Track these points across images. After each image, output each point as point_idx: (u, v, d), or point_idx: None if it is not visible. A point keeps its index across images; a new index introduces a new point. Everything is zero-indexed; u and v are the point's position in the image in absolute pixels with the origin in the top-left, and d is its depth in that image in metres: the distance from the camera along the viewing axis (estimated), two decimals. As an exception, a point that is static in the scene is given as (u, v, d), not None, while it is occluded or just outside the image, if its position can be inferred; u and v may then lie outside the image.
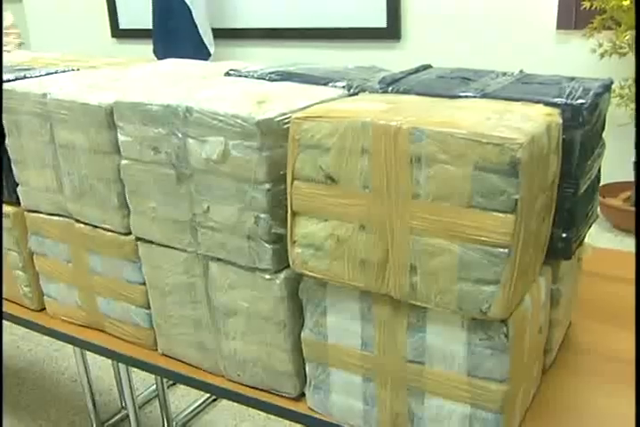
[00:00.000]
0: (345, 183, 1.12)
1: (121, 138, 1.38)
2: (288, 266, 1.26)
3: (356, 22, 4.14)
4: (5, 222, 1.72)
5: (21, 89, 1.55)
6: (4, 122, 1.61)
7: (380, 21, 4.06)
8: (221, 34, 4.50)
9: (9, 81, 1.63)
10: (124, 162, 1.40)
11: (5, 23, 3.91)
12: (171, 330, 1.51)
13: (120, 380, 2.36)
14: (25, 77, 1.67)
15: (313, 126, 1.12)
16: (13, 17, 4.01)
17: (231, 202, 1.26)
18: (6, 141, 1.63)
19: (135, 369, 1.74)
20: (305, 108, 1.21)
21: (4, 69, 1.81)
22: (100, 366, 2.74)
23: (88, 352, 2.07)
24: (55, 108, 1.47)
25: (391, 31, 4.05)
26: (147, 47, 4.56)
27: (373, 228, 1.12)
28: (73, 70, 1.76)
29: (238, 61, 1.70)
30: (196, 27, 4.36)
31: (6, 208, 1.71)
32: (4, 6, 3.79)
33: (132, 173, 1.39)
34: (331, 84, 1.40)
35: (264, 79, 1.48)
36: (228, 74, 1.55)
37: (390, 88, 1.34)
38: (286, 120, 1.19)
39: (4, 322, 1.92)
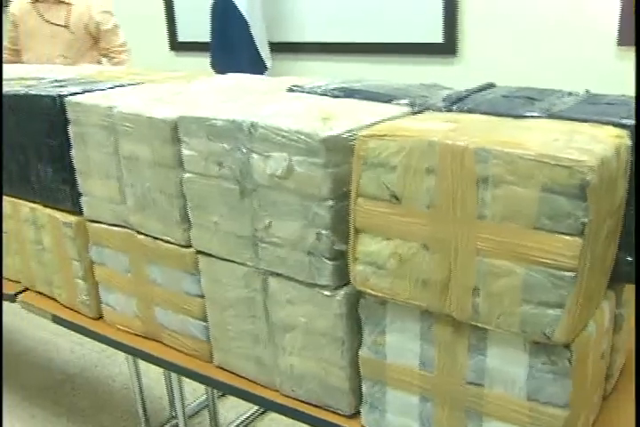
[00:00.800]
0: (409, 202, 1.12)
1: (185, 152, 1.39)
2: (348, 283, 1.26)
3: (412, 37, 4.13)
4: (68, 232, 1.75)
5: (88, 102, 1.58)
6: (70, 133, 1.64)
7: (437, 36, 4.04)
8: (278, 47, 4.52)
9: (76, 94, 1.66)
10: (187, 176, 1.41)
11: (119, 41, 4.03)
12: (228, 343, 1.51)
13: (171, 389, 2.38)
14: (91, 90, 1.70)
15: (379, 144, 1.12)
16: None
17: (294, 218, 1.27)
18: (72, 152, 1.66)
19: (185, 378, 1.74)
20: (370, 125, 1.21)
21: (71, 82, 1.85)
22: (151, 375, 2.76)
23: (139, 360, 2.10)
24: (121, 121, 1.50)
25: (447, 46, 4.03)
26: (204, 60, 4.60)
27: (437, 247, 1.11)
28: (137, 84, 1.79)
29: (300, 77, 1.71)
30: (253, 40, 4.38)
31: (69, 217, 1.75)
32: None
33: (195, 187, 1.40)
34: (394, 102, 1.40)
35: (327, 95, 1.48)
36: (290, 90, 1.56)
37: (455, 107, 1.33)
38: (351, 137, 1.19)
39: (63, 328, 1.95)
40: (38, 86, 1.82)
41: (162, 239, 1.54)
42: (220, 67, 4.51)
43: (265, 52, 4.46)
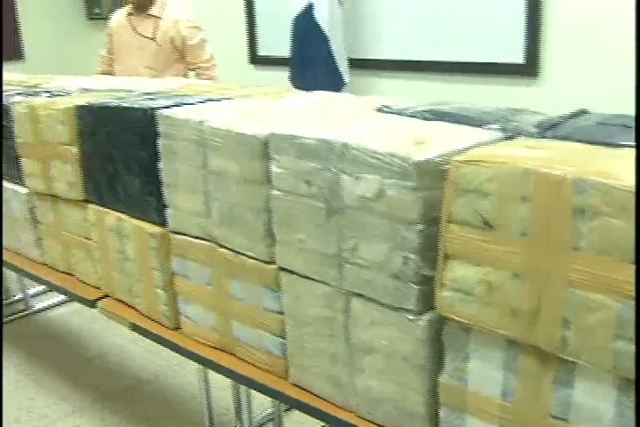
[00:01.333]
0: (502, 230, 1.10)
1: (274, 169, 1.40)
2: (433, 308, 1.24)
3: (492, 57, 4.09)
4: (152, 242, 1.78)
5: (180, 116, 1.61)
6: (160, 146, 1.67)
7: (517, 57, 4.00)
8: (357, 64, 4.54)
9: (167, 107, 1.70)
10: (274, 193, 1.42)
11: (205, 55, 4.07)
12: (304, 361, 1.51)
13: (239, 401, 2.39)
14: (182, 104, 1.73)
15: (473, 170, 1.11)
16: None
17: (381, 240, 1.26)
18: (160, 165, 1.69)
19: (253, 391, 1.75)
20: (462, 150, 1.20)
21: (161, 95, 1.89)
22: (219, 385, 2.78)
23: (208, 371, 2.11)
24: (211, 135, 1.52)
25: (529, 68, 3.98)
26: (283, 74, 4.65)
27: (528, 277, 1.09)
28: (227, 99, 1.81)
29: (387, 97, 1.71)
30: (332, 56, 4.41)
31: (154, 229, 1.78)
32: None
33: (283, 205, 1.41)
34: (485, 127, 1.38)
35: (416, 117, 1.47)
36: (379, 110, 1.56)
37: (548, 133, 1.31)
38: (444, 162, 1.18)
39: (136, 335, 1.98)
40: (129, 99, 1.87)
41: (245, 254, 1.55)
42: (299, 81, 4.55)
43: (344, 67, 4.48)
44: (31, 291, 3.66)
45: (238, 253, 1.56)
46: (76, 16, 7.86)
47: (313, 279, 1.42)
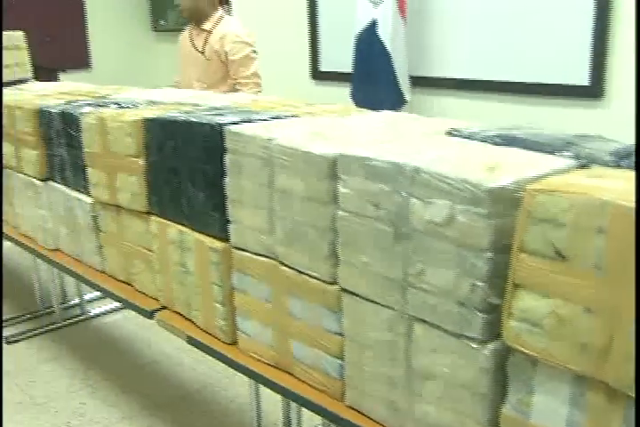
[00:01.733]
0: (575, 261, 1.07)
1: (341, 190, 1.40)
2: (497, 337, 1.22)
3: (557, 78, 4.04)
4: (213, 257, 1.79)
5: (247, 132, 1.61)
6: (226, 162, 1.68)
7: (582, 78, 3.94)
8: (418, 81, 4.52)
9: (235, 123, 1.70)
10: (341, 213, 1.41)
11: (246, 72, 4.00)
12: (362, 384, 1.50)
13: (288, 418, 2.38)
14: (249, 121, 1.74)
15: (548, 200, 1.09)
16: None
17: (448, 266, 1.24)
18: (225, 180, 1.70)
19: (303, 408, 1.74)
20: (536, 178, 1.18)
21: (228, 111, 1.90)
22: (269, 400, 2.77)
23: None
24: (278, 153, 1.52)
25: (594, 89, 3.92)
26: (343, 90, 4.66)
27: (600, 311, 1.06)
28: (294, 116, 1.82)
29: (459, 120, 1.69)
30: (394, 73, 4.40)
31: (216, 243, 1.78)
32: None
33: (348, 226, 1.40)
34: (557, 153, 1.36)
35: (487, 142, 1.45)
36: (449, 133, 1.54)
37: (623, 162, 1.28)
38: (517, 189, 1.16)
39: (187, 345, 1.98)
40: (196, 113, 1.88)
41: (307, 273, 1.54)
42: (360, 98, 4.55)
43: (405, 85, 4.47)
44: (87, 296, 3.71)
45: (300, 272, 1.56)
46: (142, 28, 8.01)
47: (375, 302, 1.41)
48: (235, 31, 3.97)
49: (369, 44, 4.45)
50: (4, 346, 3.40)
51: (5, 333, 3.51)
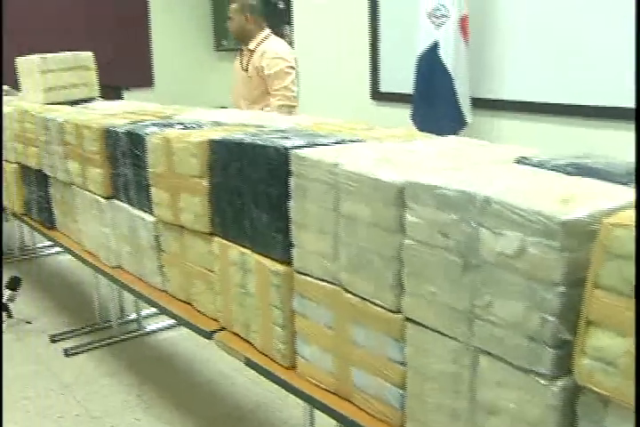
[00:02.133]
0: (653, 300, 1.04)
1: (409, 218, 1.38)
2: (567, 373, 1.18)
3: (620, 101, 3.96)
4: (274, 280, 1.78)
5: (314, 157, 1.61)
6: (291, 185, 1.68)
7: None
8: (479, 103, 4.48)
9: (300, 147, 1.70)
10: (407, 242, 1.40)
11: (279, 85, 4.11)
12: (424, 416, 1.47)
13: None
14: (314, 144, 1.73)
15: (625, 234, 1.06)
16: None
17: (518, 299, 1.22)
18: (290, 203, 1.70)
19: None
20: (612, 210, 1.14)
21: (293, 133, 1.90)
22: (323, 423, 2.75)
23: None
24: (344, 179, 1.51)
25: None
26: (403, 111, 4.65)
27: (679, 352, 1.03)
28: (359, 141, 1.81)
29: (526, 148, 1.66)
30: (455, 95, 4.37)
31: (278, 266, 1.78)
32: None
33: (415, 255, 1.38)
34: (631, 185, 1.32)
35: (558, 171, 1.42)
36: (518, 161, 1.52)
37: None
38: (592, 222, 1.13)
39: (240, 363, 1.97)
40: (261, 136, 1.89)
41: (371, 301, 1.52)
42: (420, 119, 4.53)
43: (466, 107, 4.44)
44: (144, 312, 3.74)
45: (364, 299, 1.54)
46: (205, 47, 8.14)
47: (441, 333, 1.38)
48: (274, 48, 4.16)
49: (430, 66, 4.44)
50: (64, 358, 3.45)
51: (65, 345, 3.57)
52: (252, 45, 4.19)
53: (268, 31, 4.30)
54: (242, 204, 1.88)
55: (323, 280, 1.65)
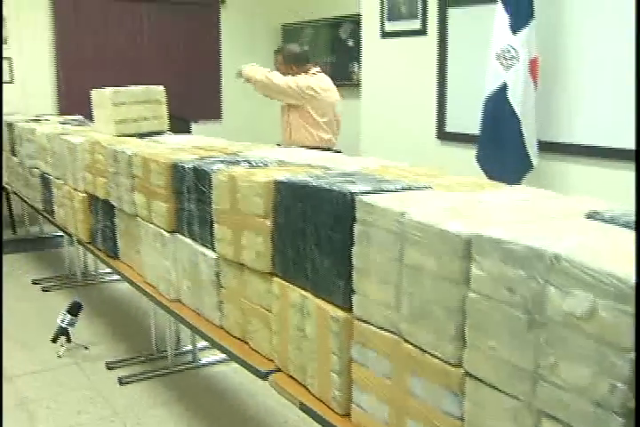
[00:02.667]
0: None
1: (474, 271, 1.35)
2: (636, 443, 1.13)
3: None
4: (333, 326, 1.76)
5: (379, 204, 1.59)
6: (355, 231, 1.67)
7: None
8: (546, 146, 4.43)
9: (366, 193, 1.69)
10: (472, 295, 1.37)
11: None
12: (481, 474, 1.42)
13: None
14: (380, 190, 1.72)
15: None
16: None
17: (585, 363, 1.17)
18: (353, 249, 1.68)
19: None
20: (690, 275, 1.10)
21: (359, 177, 1.89)
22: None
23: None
24: (411, 229, 1.50)
25: None
26: (469, 152, 4.62)
27: None
28: (426, 188, 1.79)
29: (598, 200, 1.62)
30: (522, 138, 4.33)
31: (337, 312, 1.76)
32: None
33: (479, 309, 1.35)
34: None
35: (631, 228, 1.38)
36: (589, 216, 1.48)
37: None
38: (667, 287, 1.09)
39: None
40: (327, 179, 1.88)
41: (431, 353, 1.49)
42: (485, 161, 4.49)
43: (533, 150, 4.39)
44: (200, 344, 3.75)
45: (424, 350, 1.51)
46: (272, 82, 8.25)
47: (501, 390, 1.34)
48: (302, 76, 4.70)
49: (498, 107, 4.41)
50: (117, 386, 3.48)
51: (120, 373, 3.60)
52: None
53: (314, 70, 4.73)
54: (304, 246, 1.87)
55: (383, 329, 1.63)
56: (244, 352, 2.23)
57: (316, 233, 1.82)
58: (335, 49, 7.47)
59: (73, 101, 7.05)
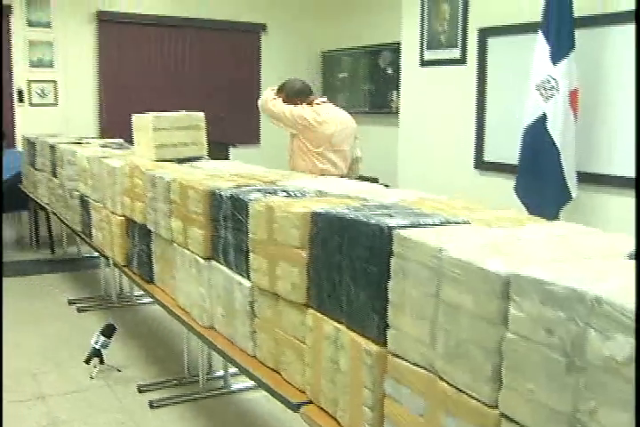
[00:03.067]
0: None
1: (512, 311, 1.33)
2: None
3: None
4: (367, 359, 1.75)
5: (417, 239, 1.58)
6: (391, 265, 1.65)
7: None
8: (586, 178, 4.39)
9: (404, 227, 1.68)
10: (509, 335, 1.35)
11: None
12: None
13: None
14: (418, 224, 1.71)
15: None
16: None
17: (626, 409, 1.14)
18: (389, 283, 1.67)
19: None
20: None
21: (397, 211, 1.89)
22: None
23: None
24: (448, 265, 1.48)
25: None
26: (507, 182, 4.60)
27: None
28: (465, 222, 1.78)
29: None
30: (561, 169, 4.29)
31: (372, 346, 1.74)
32: None
33: (517, 349, 1.33)
34: None
35: (674, 270, 1.35)
36: (631, 256, 1.45)
37: None
38: None
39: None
40: (365, 211, 1.87)
41: (466, 393, 1.47)
42: (524, 191, 4.46)
43: (572, 181, 4.35)
44: (232, 370, 3.74)
45: (459, 390, 1.48)
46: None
47: (539, 434, 1.31)
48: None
49: (537, 138, 4.38)
50: (148, 410, 3.48)
51: (152, 396, 3.61)
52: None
53: (319, 100, 4.81)
54: (340, 278, 1.87)
55: (417, 366, 1.61)
56: (276, 383, 2.21)
57: (352, 266, 1.81)
58: (374, 77, 7.51)
59: (114, 124, 7.17)
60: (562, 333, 1.24)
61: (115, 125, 7.10)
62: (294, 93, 4.72)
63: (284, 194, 2.32)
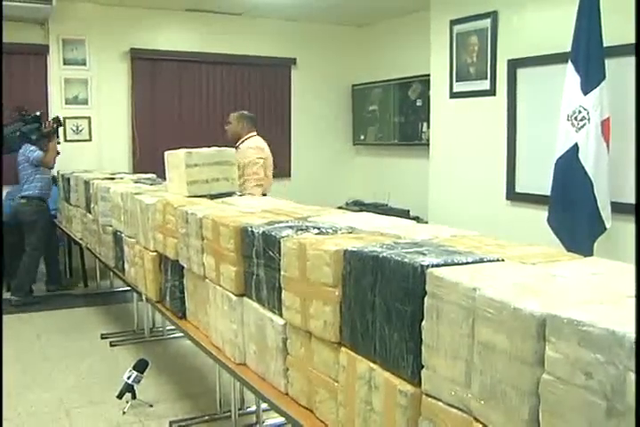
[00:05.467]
0: None
1: (549, 353, 1.31)
2: None
3: None
4: (401, 400, 1.73)
5: (451, 279, 1.57)
6: (425, 304, 1.64)
7: None
8: (619, 208, 4.34)
9: (437, 266, 1.67)
10: (546, 377, 1.32)
11: (250, 171, 5.53)
12: None
13: None
14: (452, 263, 1.70)
15: None
16: None
17: (669, 455, 1.12)
18: (422, 323, 1.66)
19: None
20: None
21: (430, 249, 1.87)
22: None
23: None
24: (483, 305, 1.46)
25: None
26: (539, 213, 4.57)
27: None
28: (499, 260, 1.76)
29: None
30: (595, 200, 4.25)
31: (406, 386, 1.72)
32: None
33: (554, 392, 1.31)
34: None
35: None
36: (669, 295, 1.42)
37: None
38: None
39: None
40: (397, 250, 1.86)
41: (503, 436, 1.44)
42: (557, 223, 4.43)
43: (605, 212, 4.30)
44: (265, 405, 3.71)
45: (497, 432, 1.46)
46: (343, 142, 8.38)
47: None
48: (248, 145, 5.72)
49: (569, 168, 4.36)
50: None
51: (184, 433, 3.60)
52: (238, 144, 5.71)
53: (253, 133, 5.81)
54: (373, 318, 1.85)
55: (452, 406, 1.58)
56: (309, 422, 2.19)
57: (385, 305, 1.80)
58: (404, 109, 7.53)
59: (146, 159, 7.25)
60: (600, 376, 1.22)
61: (147, 160, 7.18)
62: (251, 120, 5.90)
63: (316, 231, 2.32)
